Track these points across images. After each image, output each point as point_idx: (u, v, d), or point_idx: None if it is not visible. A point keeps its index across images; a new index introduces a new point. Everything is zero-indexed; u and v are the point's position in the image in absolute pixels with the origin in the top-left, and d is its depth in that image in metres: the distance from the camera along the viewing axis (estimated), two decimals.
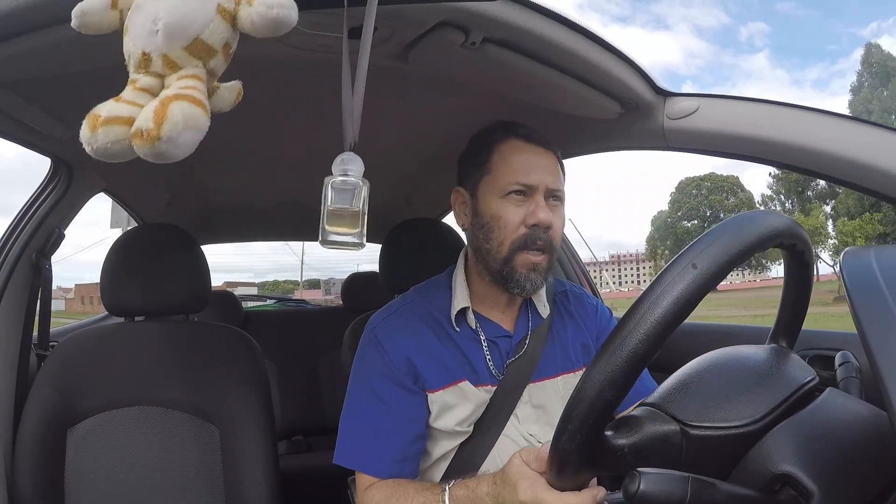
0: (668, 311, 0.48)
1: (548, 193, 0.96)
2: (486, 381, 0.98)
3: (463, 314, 1.00)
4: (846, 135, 0.80)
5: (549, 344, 1.03)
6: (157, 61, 0.53)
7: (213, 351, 1.26)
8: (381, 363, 0.96)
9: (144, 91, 0.53)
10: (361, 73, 0.58)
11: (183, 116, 0.49)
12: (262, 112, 1.26)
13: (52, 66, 0.85)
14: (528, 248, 0.93)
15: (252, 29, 0.53)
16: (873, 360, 0.44)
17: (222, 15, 0.53)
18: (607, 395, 0.50)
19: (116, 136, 0.51)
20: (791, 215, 12.24)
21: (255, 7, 0.52)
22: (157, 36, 0.52)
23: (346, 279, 2.55)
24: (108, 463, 1.16)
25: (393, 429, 0.93)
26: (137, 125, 0.49)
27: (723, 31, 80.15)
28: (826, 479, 0.50)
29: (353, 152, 0.58)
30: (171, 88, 0.52)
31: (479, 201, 0.98)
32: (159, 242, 1.30)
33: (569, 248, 1.81)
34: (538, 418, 0.99)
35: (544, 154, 0.98)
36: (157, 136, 0.48)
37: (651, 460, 0.54)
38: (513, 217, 0.93)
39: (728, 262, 0.50)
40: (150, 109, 0.50)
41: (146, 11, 0.52)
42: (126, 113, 0.51)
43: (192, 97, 0.51)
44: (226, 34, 0.54)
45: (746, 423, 0.55)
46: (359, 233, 0.57)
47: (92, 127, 0.51)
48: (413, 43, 0.83)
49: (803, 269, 0.63)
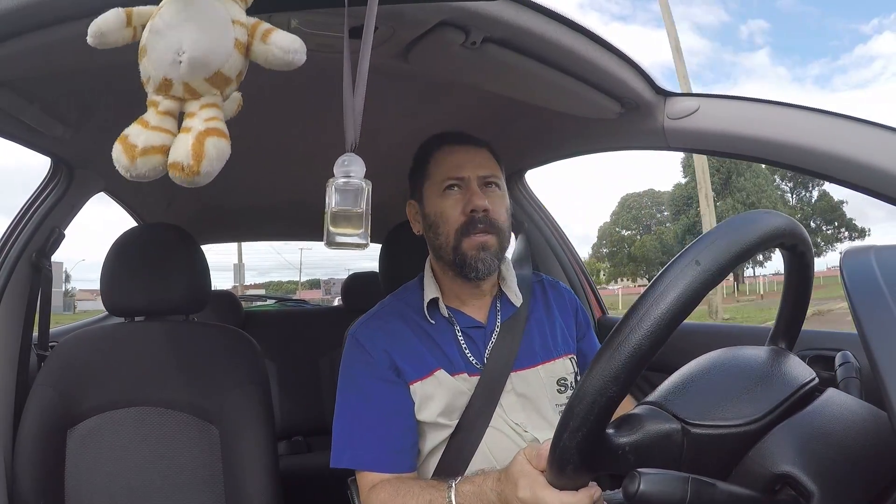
0: (671, 307, 0.48)
1: (481, 181, 1.03)
2: (462, 370, 1.01)
3: (436, 306, 1.05)
4: (846, 135, 0.80)
5: (527, 333, 1.06)
6: (178, 87, 0.57)
7: (213, 351, 1.26)
8: (363, 362, 1.01)
9: (167, 115, 0.57)
10: (362, 73, 0.59)
11: (217, 153, 0.55)
12: (263, 112, 1.26)
13: (52, 66, 0.85)
14: (471, 231, 1.00)
15: (265, 63, 0.58)
16: (873, 360, 0.44)
17: (239, 49, 0.57)
18: (610, 392, 0.49)
19: (154, 165, 0.56)
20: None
21: (271, 48, 0.57)
22: (179, 66, 0.55)
23: (345, 279, 2.55)
24: (108, 463, 1.16)
25: (383, 422, 0.97)
26: (178, 159, 0.54)
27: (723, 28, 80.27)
28: (826, 479, 0.50)
29: (354, 153, 0.58)
30: (198, 121, 0.56)
31: (425, 205, 1.07)
32: (159, 242, 1.30)
33: (570, 249, 1.81)
34: (523, 406, 1.02)
35: (473, 150, 1.06)
36: (197, 171, 0.54)
37: (652, 459, 0.54)
38: (452, 209, 1.01)
39: (731, 260, 0.50)
40: (187, 145, 0.55)
41: (168, 40, 0.56)
42: (159, 142, 0.56)
43: (220, 130, 0.56)
44: (241, 66, 0.58)
45: (747, 421, 0.55)
46: (363, 233, 0.59)
47: (130, 157, 0.56)
48: (413, 43, 0.83)
49: (804, 270, 0.63)
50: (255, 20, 0.59)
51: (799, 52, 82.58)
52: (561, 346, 1.09)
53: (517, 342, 1.04)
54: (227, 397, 1.20)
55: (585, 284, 1.79)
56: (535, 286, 1.15)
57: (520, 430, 1.00)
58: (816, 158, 0.82)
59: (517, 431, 1.00)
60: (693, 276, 0.49)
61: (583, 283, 1.78)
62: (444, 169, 1.04)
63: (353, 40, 0.61)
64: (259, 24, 0.59)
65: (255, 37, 0.58)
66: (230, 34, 0.56)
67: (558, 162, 1.52)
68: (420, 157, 1.10)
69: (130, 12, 0.58)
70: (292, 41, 0.57)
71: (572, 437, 0.52)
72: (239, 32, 0.57)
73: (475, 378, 1.00)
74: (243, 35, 0.57)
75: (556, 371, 1.06)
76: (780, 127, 0.86)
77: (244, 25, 0.58)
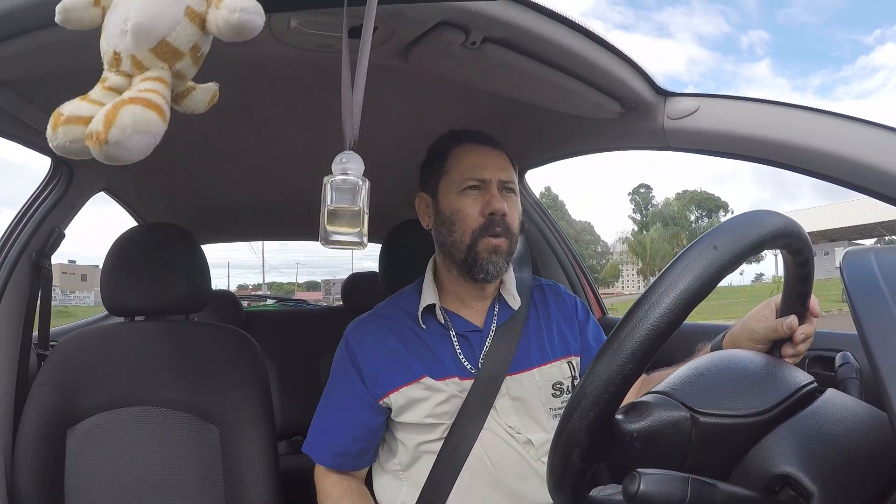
0: (689, 287, 0.49)
1: (500, 185, 1.04)
2: (453, 374, 1.01)
3: (432, 312, 1.06)
4: (846, 135, 0.80)
5: (524, 336, 1.06)
6: (127, 61, 0.53)
7: (213, 351, 1.26)
8: (343, 365, 1.06)
9: (112, 90, 0.53)
10: (361, 73, 0.59)
11: (133, 121, 0.49)
12: (263, 111, 1.26)
13: (52, 65, 0.85)
14: (488, 233, 1.01)
15: (218, 33, 0.53)
16: (873, 360, 0.44)
17: (191, 18, 0.53)
18: (627, 370, 0.49)
19: (75, 135, 0.51)
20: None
21: (221, 11, 0.52)
22: (126, 36, 0.52)
23: (345, 279, 2.55)
24: (108, 463, 1.16)
25: (337, 424, 1.05)
26: (90, 127, 0.50)
27: (724, 39, 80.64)
28: (826, 479, 0.50)
29: (353, 151, 0.58)
30: (130, 91, 0.52)
31: (439, 201, 1.06)
32: (159, 242, 1.30)
33: (570, 249, 1.81)
34: (517, 410, 1.02)
35: (493, 152, 1.06)
36: (105, 139, 0.49)
37: (658, 447, 0.53)
38: (471, 209, 1.02)
39: (746, 247, 0.50)
40: (102, 112, 0.50)
41: (120, 11, 0.53)
42: (87, 112, 0.51)
43: (147, 100, 0.51)
44: (194, 37, 0.54)
45: (757, 412, 0.55)
46: (360, 232, 0.57)
47: (53, 125, 0.52)
48: (413, 43, 0.83)
49: (805, 275, 0.64)
50: None
51: (800, 63, 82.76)
52: (559, 350, 1.08)
53: (513, 345, 1.04)
54: (227, 397, 1.20)
55: (585, 284, 1.79)
56: (535, 290, 1.15)
57: (513, 432, 1.00)
58: (816, 158, 0.82)
59: (511, 434, 1.00)
60: (711, 260, 0.49)
61: (583, 283, 1.78)
62: (464, 168, 1.04)
63: (352, 40, 0.61)
64: None
65: (211, 4, 0.53)
66: (182, 1, 0.52)
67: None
68: (437, 151, 1.09)
69: None
70: (241, 0, 0.52)
71: (583, 418, 0.51)
72: (194, 0, 0.53)
73: (468, 381, 1.01)
74: (200, 5, 0.53)
75: (553, 375, 1.06)
76: (780, 127, 0.86)
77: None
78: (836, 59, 79.26)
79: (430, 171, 1.09)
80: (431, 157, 1.10)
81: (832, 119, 0.82)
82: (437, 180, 1.07)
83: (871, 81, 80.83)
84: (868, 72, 78.83)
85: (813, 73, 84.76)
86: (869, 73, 79.37)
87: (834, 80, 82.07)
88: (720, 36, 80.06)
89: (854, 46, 75.64)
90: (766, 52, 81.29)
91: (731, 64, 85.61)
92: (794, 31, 75.61)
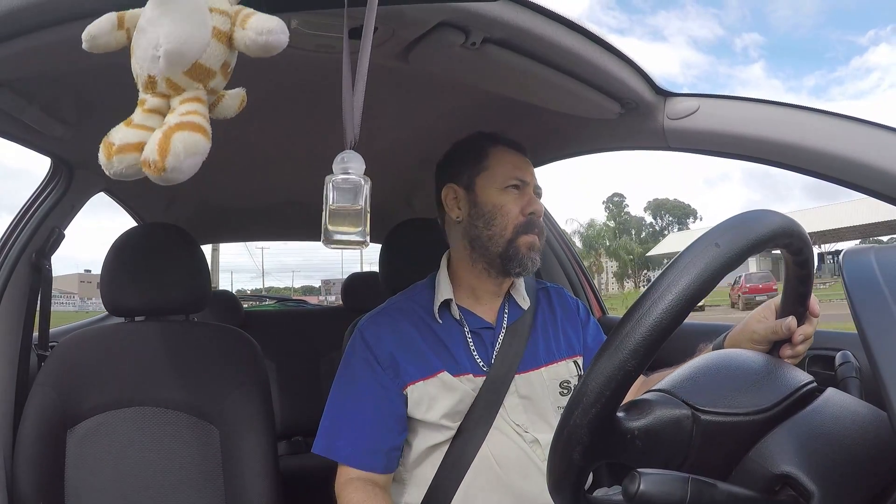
0: (692, 283, 0.49)
1: (535, 190, 1.10)
2: (468, 371, 1.02)
3: (447, 307, 1.07)
4: (846, 135, 0.80)
5: (532, 335, 1.08)
6: (162, 84, 0.56)
7: (213, 351, 1.26)
8: (363, 359, 1.03)
9: (153, 112, 0.57)
10: (362, 74, 0.59)
11: (184, 147, 0.53)
12: (263, 112, 1.26)
13: (52, 66, 0.85)
14: (529, 231, 1.05)
15: (247, 51, 0.56)
16: (873, 360, 0.44)
17: (218, 38, 0.56)
18: (629, 366, 0.49)
19: (129, 162, 0.56)
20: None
21: (248, 33, 0.55)
22: (158, 61, 0.55)
23: (345, 279, 2.56)
24: (108, 463, 1.16)
25: (367, 421, 1.00)
26: (145, 156, 0.54)
27: (718, 42, 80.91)
28: (826, 479, 0.50)
29: (354, 150, 0.58)
30: (174, 116, 0.55)
31: (477, 194, 1.08)
32: (159, 242, 1.30)
33: (570, 249, 1.81)
34: (525, 408, 1.03)
35: (526, 159, 1.13)
36: (162, 167, 0.53)
37: (659, 446, 0.53)
38: (513, 206, 1.05)
39: (747, 246, 0.50)
40: (155, 141, 0.54)
41: (149, 36, 0.55)
42: (136, 139, 0.56)
43: (192, 123, 0.55)
44: (223, 56, 0.57)
45: (758, 410, 0.55)
46: (362, 231, 0.57)
47: (107, 155, 0.56)
48: (413, 43, 0.83)
49: (805, 275, 0.64)
50: (239, 7, 0.58)
51: (793, 65, 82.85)
52: (564, 350, 1.10)
53: (523, 344, 1.06)
54: (226, 397, 1.20)
55: (585, 284, 1.79)
56: (540, 293, 1.17)
57: (521, 430, 1.01)
58: (817, 158, 0.82)
59: (518, 433, 1.01)
60: (713, 257, 0.50)
61: (583, 283, 1.78)
62: (508, 168, 1.07)
63: (352, 41, 0.61)
64: (240, 11, 0.57)
65: (236, 24, 0.56)
66: (207, 23, 0.55)
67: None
68: (474, 147, 1.11)
69: (123, 15, 0.58)
70: (267, 21, 0.55)
71: (584, 415, 0.50)
72: (218, 21, 0.56)
73: (480, 379, 1.02)
74: (224, 23, 0.56)
75: (560, 373, 1.07)
76: (780, 127, 0.86)
77: (225, 13, 0.56)
78: (830, 60, 79.63)
79: (463, 166, 1.10)
80: (467, 152, 1.11)
81: (832, 119, 0.82)
82: (475, 175, 1.08)
83: (865, 82, 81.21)
84: (862, 72, 79.20)
85: (807, 75, 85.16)
86: (863, 74, 79.76)
87: (828, 81, 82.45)
88: (714, 39, 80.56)
89: (848, 47, 76.01)
90: (760, 54, 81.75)
91: (725, 66, 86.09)
92: (788, 32, 76.04)
